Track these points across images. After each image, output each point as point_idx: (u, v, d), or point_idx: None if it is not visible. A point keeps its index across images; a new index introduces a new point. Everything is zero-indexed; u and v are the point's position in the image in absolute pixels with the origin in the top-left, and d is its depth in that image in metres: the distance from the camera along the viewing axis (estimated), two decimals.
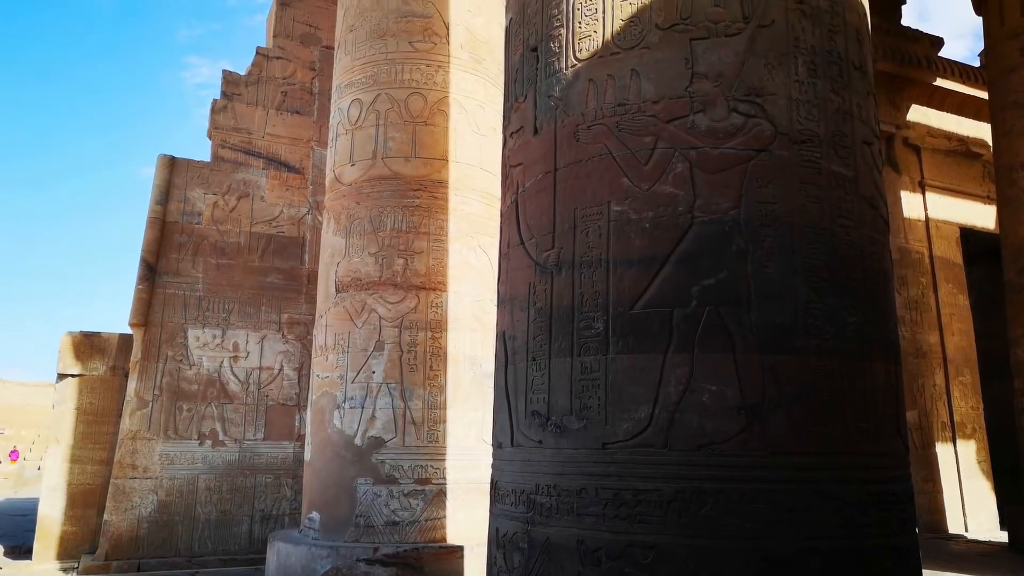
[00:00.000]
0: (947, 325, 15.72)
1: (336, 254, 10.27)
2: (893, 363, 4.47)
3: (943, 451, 15.27)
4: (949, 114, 16.85)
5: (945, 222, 16.50)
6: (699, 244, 4.27)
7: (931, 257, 15.93)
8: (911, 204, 16.17)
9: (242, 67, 16.17)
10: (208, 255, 13.24)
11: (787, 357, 4.07)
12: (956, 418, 15.53)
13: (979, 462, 15.71)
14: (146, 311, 12.60)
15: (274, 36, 15.31)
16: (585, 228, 4.61)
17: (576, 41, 4.92)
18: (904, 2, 18.05)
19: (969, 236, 16.83)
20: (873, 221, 4.57)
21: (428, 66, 10.61)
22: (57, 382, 12.95)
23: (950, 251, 16.32)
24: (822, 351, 4.12)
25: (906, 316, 15.21)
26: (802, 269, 4.21)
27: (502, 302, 5.35)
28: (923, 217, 16.16)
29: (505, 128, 5.65)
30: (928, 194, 16.31)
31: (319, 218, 13.82)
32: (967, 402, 15.83)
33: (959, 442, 15.51)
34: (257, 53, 14.89)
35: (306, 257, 13.85)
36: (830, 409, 4.07)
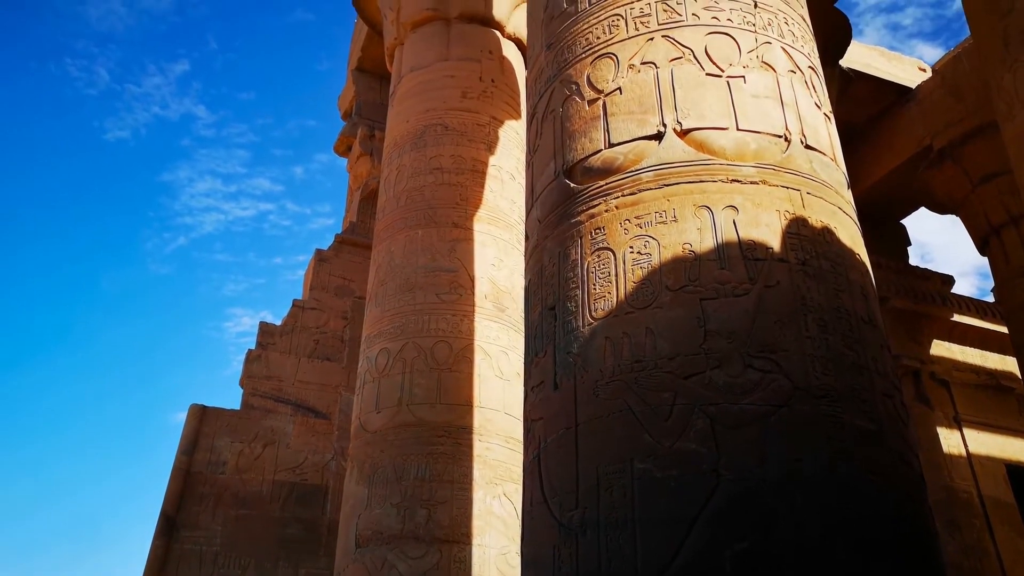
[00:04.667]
0: (1012, 572, 14.51)
1: (358, 504, 10.01)
2: None
3: None
4: (973, 348, 16.90)
5: (989, 458, 15.87)
6: (727, 504, 4.12)
7: (980, 497, 15.13)
8: (950, 441, 15.68)
9: (280, 315, 17.03)
10: (229, 506, 12.99)
11: None
12: None
13: None
14: (160, 569, 12.12)
15: (311, 288, 16.24)
16: (609, 486, 4.50)
17: (591, 301, 5.14)
18: (909, 243, 18.91)
19: (1017, 473, 16.08)
20: (907, 476, 4.42)
21: (453, 316, 11.05)
22: None
23: (999, 490, 15.51)
24: None
25: (963, 563, 14.12)
26: (838, 530, 4.01)
27: (526, 565, 5.09)
28: (964, 453, 15.59)
29: (526, 382, 5.75)
30: (966, 430, 15.87)
31: (343, 464, 13.69)
32: None
33: None
34: (293, 305, 15.72)
35: (328, 506, 13.51)
36: None
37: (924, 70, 16.88)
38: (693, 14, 5.60)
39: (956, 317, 16.92)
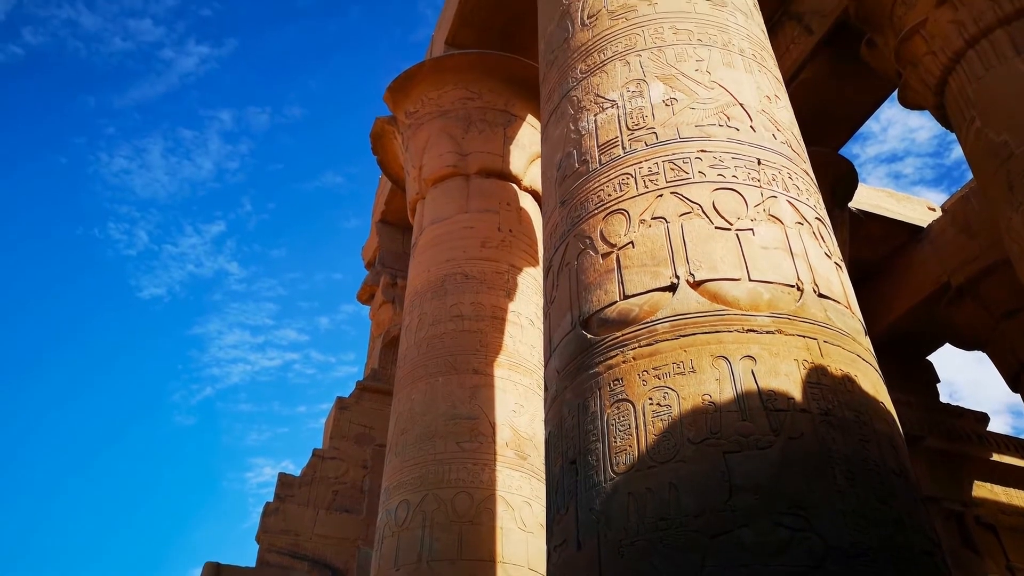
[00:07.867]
0: None
1: None
2: None
3: None
4: (1018, 490, 16.13)
5: None
6: None
7: None
8: None
9: (301, 464, 16.82)
10: None
11: None
12: None
13: None
14: None
15: (331, 437, 16.10)
16: None
17: (613, 455, 5.04)
18: (939, 380, 18.54)
19: None
20: None
21: (474, 464, 10.83)
22: None
23: None
24: None
25: None
26: None
27: None
28: None
29: (548, 540, 5.55)
30: None
31: None
32: None
33: None
34: (313, 455, 15.52)
35: None
36: None
37: (933, 209, 17.22)
38: (699, 172, 5.84)
39: (995, 456, 16.29)
